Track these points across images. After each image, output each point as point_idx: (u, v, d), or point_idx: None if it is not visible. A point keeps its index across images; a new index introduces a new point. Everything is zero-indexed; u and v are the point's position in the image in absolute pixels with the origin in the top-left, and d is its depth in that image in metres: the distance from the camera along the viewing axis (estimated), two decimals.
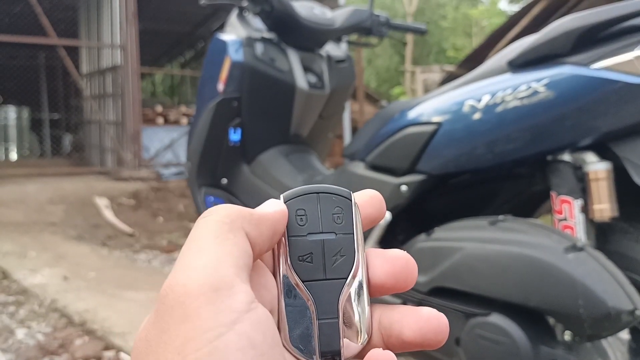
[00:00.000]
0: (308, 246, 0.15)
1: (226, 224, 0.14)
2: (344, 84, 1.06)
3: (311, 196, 0.15)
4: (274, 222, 0.15)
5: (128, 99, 3.58)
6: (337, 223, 0.15)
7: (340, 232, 0.15)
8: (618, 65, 0.56)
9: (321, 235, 0.15)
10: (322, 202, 0.15)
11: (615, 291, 0.51)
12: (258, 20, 0.99)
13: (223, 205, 0.15)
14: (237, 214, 0.14)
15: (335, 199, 0.15)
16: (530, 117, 0.59)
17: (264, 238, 0.15)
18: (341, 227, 0.15)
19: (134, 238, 2.37)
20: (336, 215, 0.15)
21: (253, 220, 0.14)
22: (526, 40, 0.64)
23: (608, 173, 0.58)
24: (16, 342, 1.14)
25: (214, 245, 0.13)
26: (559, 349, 0.55)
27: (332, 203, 0.15)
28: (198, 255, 0.13)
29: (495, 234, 0.59)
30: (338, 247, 0.15)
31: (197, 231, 0.14)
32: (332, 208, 0.15)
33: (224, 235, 0.14)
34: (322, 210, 0.15)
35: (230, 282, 0.13)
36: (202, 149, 1.01)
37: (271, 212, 0.15)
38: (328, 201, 0.15)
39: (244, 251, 0.14)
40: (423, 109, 0.69)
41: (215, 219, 0.14)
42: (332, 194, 0.15)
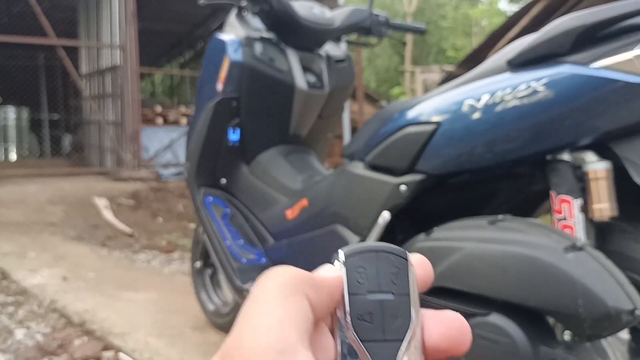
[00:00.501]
0: (368, 305, 0.15)
1: (289, 287, 0.14)
2: (343, 84, 1.06)
3: (370, 254, 0.16)
4: (332, 287, 0.15)
5: (127, 99, 3.58)
6: (394, 283, 0.15)
7: (397, 293, 0.15)
8: (618, 64, 0.55)
9: (380, 294, 0.15)
10: (381, 261, 0.15)
11: (615, 291, 0.51)
12: (257, 20, 0.99)
13: (285, 268, 0.15)
14: (299, 278, 0.15)
15: (393, 258, 0.16)
16: (529, 117, 0.59)
17: (323, 303, 0.15)
18: (398, 288, 0.15)
19: (133, 238, 2.37)
20: (394, 275, 0.15)
21: (314, 285, 0.15)
22: (525, 40, 0.64)
23: (608, 172, 0.58)
24: (15, 342, 1.14)
25: (278, 308, 0.14)
26: (559, 349, 0.55)
27: (390, 262, 0.15)
28: (262, 317, 0.13)
29: (495, 233, 0.58)
30: (395, 307, 0.15)
31: (260, 292, 0.14)
32: (390, 267, 0.15)
33: (288, 298, 0.14)
34: (381, 269, 0.15)
35: (294, 347, 0.13)
36: (201, 149, 1.01)
37: (329, 278, 0.15)
38: (386, 260, 0.15)
39: (306, 315, 0.14)
40: (422, 108, 0.69)
41: (279, 282, 0.14)
42: (390, 252, 0.16)
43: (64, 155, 4.93)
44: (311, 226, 0.85)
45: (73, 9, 4.33)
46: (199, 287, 1.22)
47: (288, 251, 0.91)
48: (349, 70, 1.07)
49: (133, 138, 3.56)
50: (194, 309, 1.26)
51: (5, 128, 5.01)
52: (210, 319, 1.20)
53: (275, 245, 0.95)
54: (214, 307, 1.18)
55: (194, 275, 1.24)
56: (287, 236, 0.91)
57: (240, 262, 0.94)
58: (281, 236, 0.93)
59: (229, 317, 1.13)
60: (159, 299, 1.40)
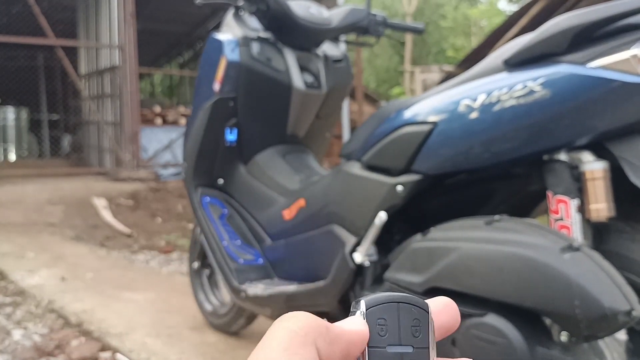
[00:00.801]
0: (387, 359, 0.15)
1: (299, 337, 0.14)
2: (341, 84, 1.05)
3: (392, 305, 0.15)
4: (350, 343, 0.15)
5: (126, 99, 3.58)
6: (414, 336, 0.15)
7: (417, 346, 0.15)
8: (614, 64, 0.55)
9: (400, 347, 0.15)
10: (402, 313, 0.15)
11: (612, 291, 0.51)
12: (254, 19, 0.99)
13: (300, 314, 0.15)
14: (312, 327, 0.14)
15: (414, 310, 0.16)
16: (526, 117, 0.59)
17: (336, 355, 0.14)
18: (418, 341, 0.15)
19: (132, 239, 2.36)
20: (414, 327, 0.15)
21: (328, 337, 0.14)
22: (522, 39, 0.64)
23: (605, 172, 0.58)
24: (12, 343, 1.13)
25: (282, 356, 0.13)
26: (556, 350, 0.55)
27: (411, 314, 0.15)
28: None
29: (491, 234, 0.58)
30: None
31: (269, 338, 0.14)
32: (410, 320, 0.15)
33: (294, 349, 0.14)
34: (402, 321, 0.15)
35: None
36: (198, 149, 1.00)
37: (348, 332, 0.15)
38: (407, 312, 0.15)
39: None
40: (419, 108, 0.69)
41: (290, 328, 0.14)
42: (412, 304, 0.16)
43: (63, 156, 4.93)
44: (308, 226, 0.85)
45: (72, 10, 4.33)
46: (196, 287, 1.22)
47: (285, 251, 0.91)
48: (347, 70, 1.07)
49: (132, 138, 3.56)
50: (191, 310, 1.26)
51: (5, 128, 5.01)
52: (208, 320, 1.19)
53: (272, 246, 0.95)
54: (211, 307, 1.18)
55: (191, 276, 1.24)
56: (284, 236, 0.91)
57: (237, 262, 0.94)
58: (278, 236, 0.93)
59: (226, 318, 1.13)
60: (157, 300, 1.40)
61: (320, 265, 0.80)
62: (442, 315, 0.16)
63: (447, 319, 0.16)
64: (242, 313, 1.09)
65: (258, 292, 0.87)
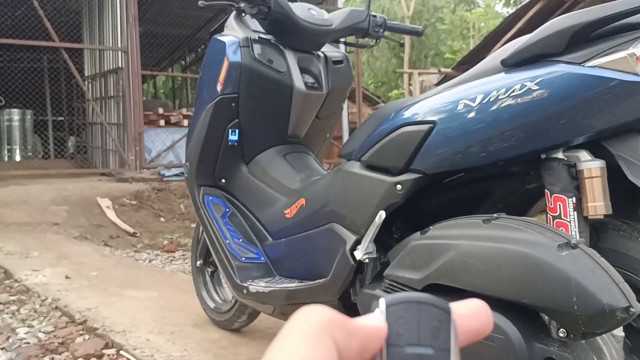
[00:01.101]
0: (406, 358, 0.15)
1: (317, 329, 0.14)
2: (341, 85, 1.06)
3: (412, 305, 0.15)
4: (367, 337, 0.15)
5: (130, 101, 3.61)
6: (435, 337, 0.15)
7: (438, 348, 0.15)
8: (611, 63, 0.56)
9: (419, 348, 0.15)
10: (423, 313, 0.15)
11: (610, 288, 0.51)
12: (256, 21, 1.00)
13: (319, 308, 0.15)
14: (330, 320, 0.14)
15: (435, 311, 0.15)
16: (524, 116, 0.60)
17: (353, 350, 0.14)
18: (439, 343, 0.15)
19: (136, 238, 2.38)
20: (435, 329, 0.15)
21: (345, 330, 0.14)
22: (520, 40, 0.64)
23: (602, 171, 0.58)
24: (17, 340, 1.15)
25: (301, 350, 0.13)
26: (554, 347, 0.55)
27: (432, 315, 0.15)
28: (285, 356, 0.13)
29: (489, 231, 0.59)
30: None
31: (288, 331, 0.14)
32: (432, 321, 0.15)
33: (313, 340, 0.14)
34: (422, 321, 0.15)
35: None
36: (201, 150, 1.02)
37: (366, 327, 0.15)
38: (428, 313, 0.15)
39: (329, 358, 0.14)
40: (418, 108, 0.70)
41: (308, 322, 0.14)
42: (433, 305, 0.15)
43: (67, 157, 4.97)
44: (309, 225, 0.86)
45: (76, 13, 4.38)
46: (199, 285, 1.23)
47: (286, 249, 0.92)
48: (347, 71, 1.08)
49: (136, 139, 3.59)
50: (194, 307, 1.27)
51: (10, 130, 5.06)
52: (211, 317, 1.21)
53: (273, 244, 0.96)
54: (214, 304, 1.19)
55: (194, 274, 1.25)
56: (285, 235, 0.92)
57: (239, 260, 0.95)
58: (280, 235, 0.94)
59: (228, 315, 1.14)
60: (160, 297, 1.41)
61: (321, 263, 0.81)
62: (472, 319, 0.16)
63: (477, 324, 0.16)
64: (244, 310, 1.09)
65: (260, 290, 0.88)
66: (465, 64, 3.43)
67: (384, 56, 9.18)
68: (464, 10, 9.41)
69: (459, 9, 9.55)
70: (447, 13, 9.27)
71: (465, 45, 8.19)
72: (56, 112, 5.57)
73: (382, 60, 9.33)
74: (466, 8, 9.64)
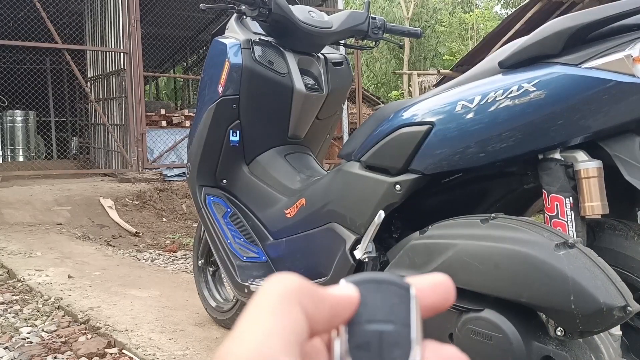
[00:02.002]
0: (366, 335, 0.15)
1: (285, 296, 0.14)
2: (341, 86, 1.07)
3: (372, 284, 0.15)
4: (336, 304, 0.14)
5: (132, 102, 3.63)
6: (395, 313, 0.15)
7: (398, 323, 0.15)
8: (608, 64, 0.56)
9: (379, 325, 0.15)
10: (382, 291, 0.15)
11: (607, 287, 0.52)
12: (256, 23, 1.01)
13: (286, 276, 0.14)
14: (297, 287, 0.14)
15: (394, 289, 0.15)
16: (521, 117, 0.60)
17: (322, 317, 0.14)
18: (399, 318, 0.15)
19: (138, 238, 2.40)
20: (395, 305, 0.15)
21: (314, 297, 0.14)
22: (517, 42, 0.65)
23: (599, 171, 0.59)
24: (20, 340, 1.16)
25: (268, 318, 0.13)
26: (551, 345, 0.56)
27: (391, 293, 0.15)
28: (250, 326, 0.13)
29: (487, 231, 0.59)
30: (395, 338, 0.15)
31: (255, 301, 0.14)
32: (392, 298, 0.15)
33: (280, 308, 0.14)
34: (382, 299, 0.15)
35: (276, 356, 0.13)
36: (202, 150, 1.03)
37: (335, 295, 0.15)
38: (387, 290, 0.15)
39: (297, 326, 0.13)
40: (416, 109, 0.70)
41: (274, 290, 0.14)
42: (391, 282, 0.15)
43: (70, 157, 4.99)
44: (309, 224, 0.86)
45: (79, 14, 4.40)
46: (201, 284, 1.24)
47: (287, 249, 0.93)
48: (347, 72, 1.09)
49: (138, 140, 3.61)
50: (196, 306, 1.28)
51: (13, 130, 5.09)
52: (212, 315, 1.21)
53: (274, 243, 0.97)
54: (215, 303, 1.20)
55: (196, 273, 1.26)
56: (286, 234, 0.93)
57: (241, 259, 0.96)
58: (280, 234, 0.95)
59: (230, 314, 1.15)
60: (162, 297, 1.42)
61: (321, 262, 0.82)
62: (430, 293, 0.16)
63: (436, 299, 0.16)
64: None
65: None
66: (464, 65, 3.44)
67: (383, 57, 9.19)
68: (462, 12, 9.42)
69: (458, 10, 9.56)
70: (445, 15, 9.29)
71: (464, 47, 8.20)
72: (59, 113, 5.60)
73: (381, 62, 9.35)
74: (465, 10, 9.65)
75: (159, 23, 4.72)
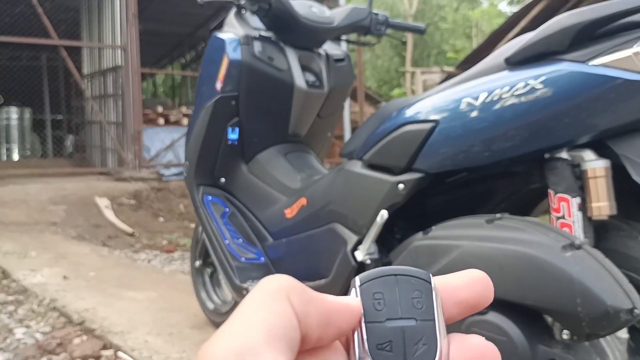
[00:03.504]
0: (387, 333, 0.14)
1: (270, 293, 0.13)
2: (342, 83, 1.06)
3: (389, 278, 0.14)
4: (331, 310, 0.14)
5: (129, 99, 3.60)
6: (417, 308, 0.14)
7: (420, 318, 0.14)
8: (617, 61, 0.55)
9: (401, 321, 0.14)
10: (401, 285, 0.14)
11: (614, 290, 0.51)
12: (256, 18, 0.99)
13: (278, 276, 0.14)
14: (287, 285, 0.14)
15: (414, 282, 0.14)
16: (527, 115, 0.59)
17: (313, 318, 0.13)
18: (421, 313, 0.14)
19: (134, 238, 2.37)
20: (416, 299, 0.14)
21: (303, 296, 0.14)
22: (524, 38, 0.64)
23: (606, 171, 0.58)
24: (15, 341, 1.14)
25: (252, 313, 0.13)
26: (557, 348, 0.55)
27: (411, 286, 0.14)
28: (234, 321, 0.13)
29: (492, 232, 0.58)
30: (419, 334, 0.14)
31: (245, 300, 0.14)
32: (411, 292, 0.14)
33: (264, 302, 0.13)
34: (401, 294, 0.14)
35: (256, 350, 0.12)
36: (200, 148, 1.01)
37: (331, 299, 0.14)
38: (407, 284, 0.14)
39: (284, 320, 0.13)
40: (420, 107, 0.69)
41: (263, 288, 0.14)
42: (411, 276, 0.14)
43: (66, 156, 4.95)
44: (310, 225, 0.85)
45: (75, 10, 4.36)
46: (198, 286, 1.22)
47: (287, 250, 0.91)
48: (349, 69, 1.07)
49: (135, 138, 3.57)
50: (193, 308, 1.26)
51: (8, 128, 5.04)
52: (210, 318, 1.20)
53: (274, 244, 0.95)
54: (213, 305, 1.19)
55: (193, 274, 1.24)
56: (286, 235, 0.91)
57: (239, 260, 0.94)
58: (280, 235, 0.93)
59: (228, 316, 1.12)
60: (158, 298, 1.40)
61: (322, 263, 0.80)
62: (466, 289, 0.15)
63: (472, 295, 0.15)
64: None
65: None
66: (469, 63, 3.43)
67: (386, 55, 9.16)
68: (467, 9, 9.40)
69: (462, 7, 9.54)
70: (449, 12, 9.26)
71: (468, 44, 8.19)
72: (55, 111, 5.55)
73: (384, 59, 9.31)
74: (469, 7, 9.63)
75: (157, 18, 4.69)
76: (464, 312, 0.15)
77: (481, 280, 0.15)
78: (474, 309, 0.15)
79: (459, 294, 0.15)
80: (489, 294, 0.15)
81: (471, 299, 0.15)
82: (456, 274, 0.15)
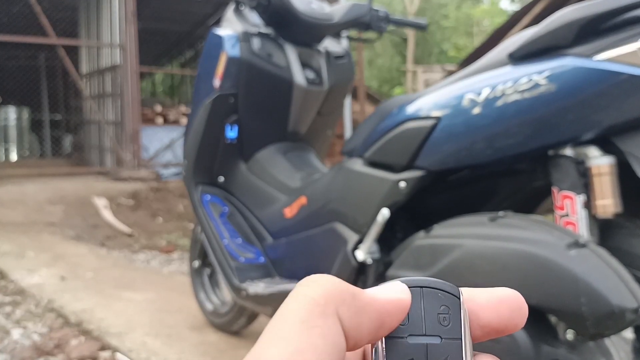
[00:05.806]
0: (409, 350, 0.13)
1: (319, 306, 0.12)
2: (342, 81, 1.04)
3: (414, 290, 0.13)
4: (383, 312, 0.12)
5: (127, 98, 3.58)
6: (442, 325, 0.13)
7: (446, 337, 0.13)
8: (621, 56, 0.54)
9: (424, 338, 0.13)
10: (427, 299, 0.13)
11: (619, 289, 0.50)
12: (255, 14, 0.98)
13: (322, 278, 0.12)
14: (336, 294, 0.12)
15: (441, 296, 0.13)
16: (531, 111, 0.58)
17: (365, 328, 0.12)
18: (447, 331, 0.13)
19: (132, 238, 2.36)
20: (442, 315, 0.13)
21: (354, 305, 0.12)
22: (527, 33, 0.63)
23: (611, 168, 0.57)
24: (12, 342, 1.13)
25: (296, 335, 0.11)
26: (561, 348, 0.54)
27: (437, 300, 0.13)
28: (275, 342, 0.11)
29: (495, 230, 0.57)
30: (444, 354, 0.13)
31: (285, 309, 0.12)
32: (437, 307, 0.13)
33: (312, 321, 0.12)
34: (426, 308, 0.13)
35: None
36: (199, 147, 1.00)
37: (382, 299, 0.13)
38: (433, 298, 0.13)
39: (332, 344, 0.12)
40: (422, 103, 0.68)
41: (309, 296, 0.12)
42: (438, 289, 0.13)
43: (64, 155, 4.93)
44: (310, 224, 0.84)
45: (73, 9, 4.34)
46: (197, 286, 1.21)
47: (287, 249, 0.90)
48: (349, 66, 1.06)
49: (133, 138, 3.56)
50: (192, 309, 1.25)
51: (6, 128, 5.02)
52: (209, 319, 1.19)
53: (273, 244, 0.94)
54: (212, 306, 1.17)
55: (192, 275, 1.23)
56: (285, 234, 0.90)
57: (238, 261, 0.93)
58: (280, 234, 0.92)
59: (227, 317, 1.12)
60: (157, 299, 1.39)
61: (322, 263, 0.79)
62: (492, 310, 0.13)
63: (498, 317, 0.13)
64: (243, 312, 1.08)
65: (259, 291, 0.87)
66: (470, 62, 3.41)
67: (386, 53, 9.12)
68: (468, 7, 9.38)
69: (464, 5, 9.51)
70: (451, 10, 9.23)
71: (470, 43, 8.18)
72: (53, 111, 5.53)
73: (384, 58, 9.28)
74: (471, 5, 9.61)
75: (155, 17, 4.67)
76: (487, 335, 0.13)
77: (512, 302, 0.13)
78: (499, 333, 0.13)
79: (484, 316, 0.13)
80: (518, 320, 0.13)
81: (495, 323, 0.13)
82: (486, 290, 0.14)
